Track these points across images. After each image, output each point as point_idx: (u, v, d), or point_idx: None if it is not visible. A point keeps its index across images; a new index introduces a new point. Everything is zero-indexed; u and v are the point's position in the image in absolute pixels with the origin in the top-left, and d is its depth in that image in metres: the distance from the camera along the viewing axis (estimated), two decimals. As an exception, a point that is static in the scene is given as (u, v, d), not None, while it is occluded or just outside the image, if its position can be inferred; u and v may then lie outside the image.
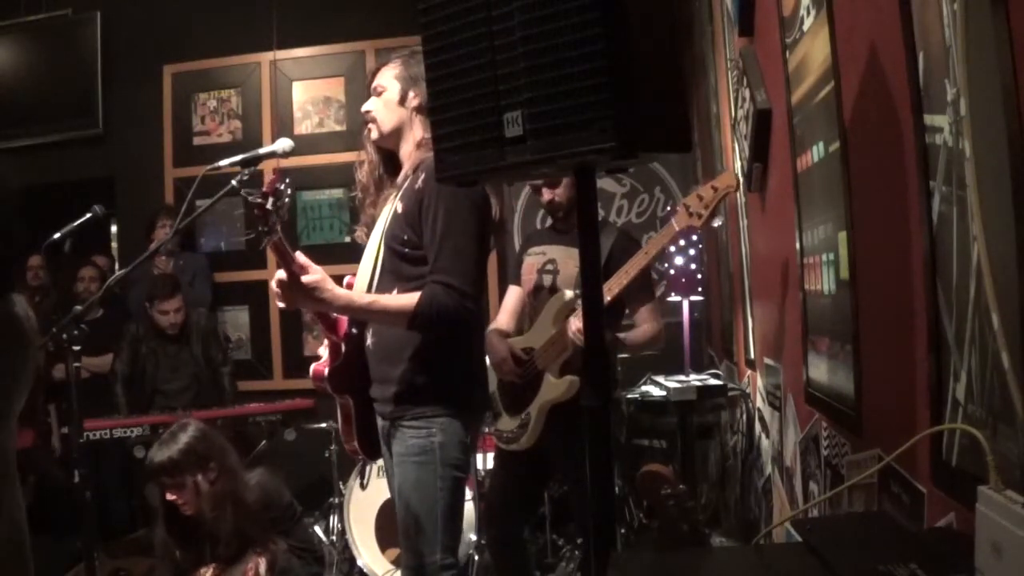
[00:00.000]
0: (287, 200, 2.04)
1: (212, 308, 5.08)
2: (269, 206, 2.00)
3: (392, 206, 2.31)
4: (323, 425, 4.14)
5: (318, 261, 2.18)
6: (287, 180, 2.05)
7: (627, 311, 2.99)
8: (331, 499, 4.10)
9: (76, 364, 2.32)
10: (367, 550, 3.90)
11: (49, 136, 5.43)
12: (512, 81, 1.38)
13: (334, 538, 4.00)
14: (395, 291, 2.23)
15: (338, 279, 2.28)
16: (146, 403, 4.39)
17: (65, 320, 2.28)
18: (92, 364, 4.45)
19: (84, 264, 4.88)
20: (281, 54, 5.30)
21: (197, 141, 5.42)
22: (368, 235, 2.41)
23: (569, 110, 1.31)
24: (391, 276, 2.26)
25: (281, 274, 2.10)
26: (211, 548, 2.92)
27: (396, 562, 3.79)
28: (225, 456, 3.01)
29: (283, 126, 5.28)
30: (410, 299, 2.15)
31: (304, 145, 5.01)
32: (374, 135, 2.36)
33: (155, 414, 4.15)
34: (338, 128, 5.31)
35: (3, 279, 1.95)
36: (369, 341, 2.33)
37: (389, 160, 2.40)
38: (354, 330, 2.36)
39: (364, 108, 2.38)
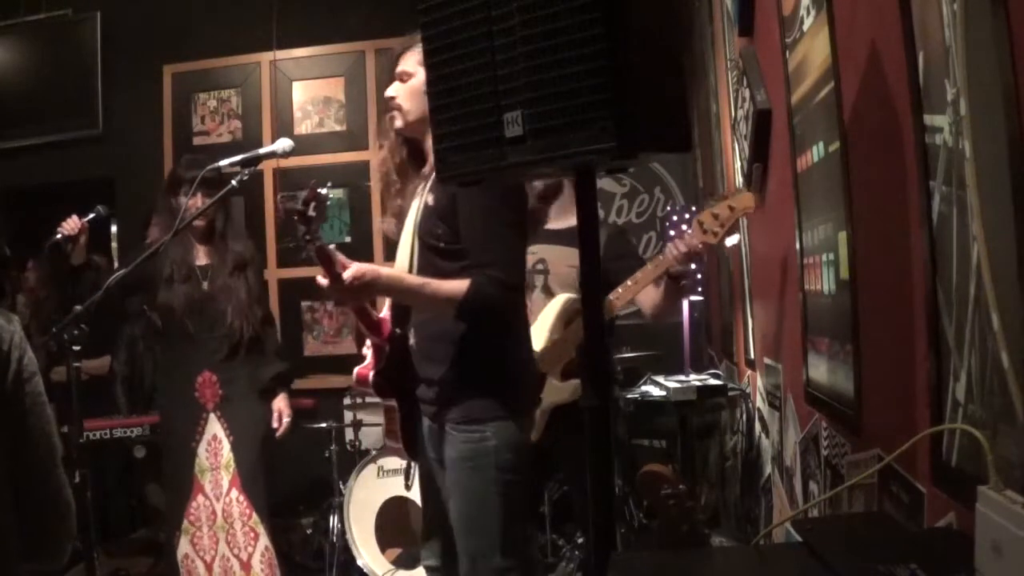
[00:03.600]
0: (327, 205, 2.02)
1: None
2: (311, 212, 1.98)
3: (423, 198, 2.21)
4: (323, 425, 4.14)
5: (319, 261, 2.17)
6: (328, 184, 2.03)
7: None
8: (331, 499, 4.10)
9: (76, 364, 2.32)
10: (367, 550, 3.90)
11: (49, 136, 5.40)
12: (512, 81, 1.38)
13: (334, 538, 4.00)
14: None
15: None
16: (146, 403, 4.39)
17: (65, 320, 2.28)
18: (91, 367, 4.44)
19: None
20: (281, 54, 5.29)
21: (197, 141, 5.40)
22: (397, 227, 2.32)
23: (569, 110, 1.31)
24: (429, 272, 2.16)
25: (321, 280, 2.05)
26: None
27: (396, 562, 3.79)
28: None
29: (283, 126, 5.27)
30: (460, 286, 2.07)
31: (304, 145, 4.99)
32: (398, 123, 2.24)
33: (155, 414, 4.15)
34: (338, 128, 5.30)
35: None
36: (412, 341, 2.24)
37: (413, 149, 2.30)
38: (397, 331, 2.29)
39: (388, 94, 2.26)
